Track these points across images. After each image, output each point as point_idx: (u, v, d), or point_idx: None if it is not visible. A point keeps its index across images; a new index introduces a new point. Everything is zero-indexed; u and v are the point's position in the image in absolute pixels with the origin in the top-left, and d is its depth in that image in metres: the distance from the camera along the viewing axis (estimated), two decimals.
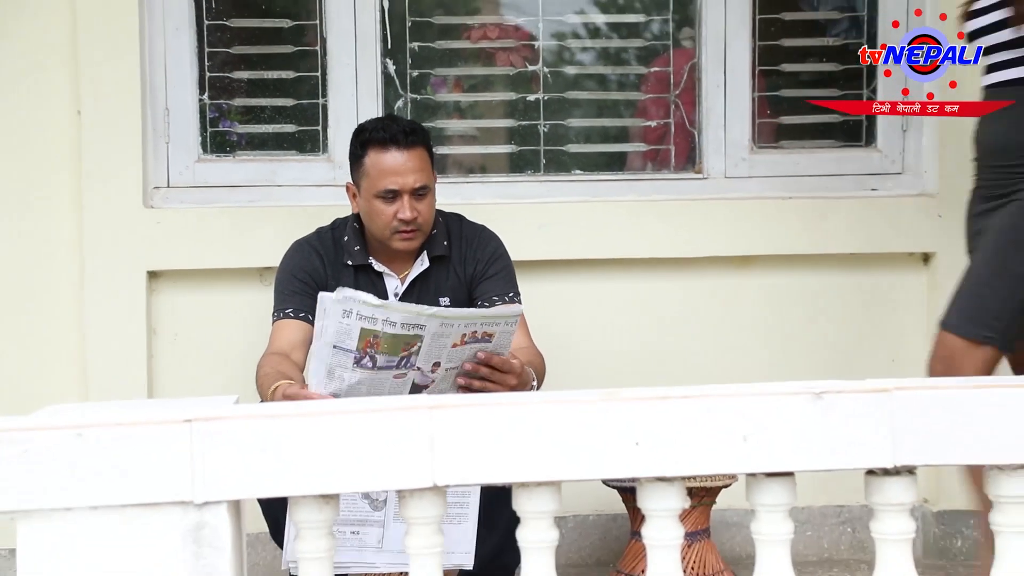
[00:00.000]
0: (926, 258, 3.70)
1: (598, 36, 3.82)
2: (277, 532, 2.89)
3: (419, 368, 2.45)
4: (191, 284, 3.56)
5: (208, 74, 3.63)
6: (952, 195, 3.64)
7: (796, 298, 3.65)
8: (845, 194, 3.68)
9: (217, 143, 3.65)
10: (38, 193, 3.54)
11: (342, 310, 2.34)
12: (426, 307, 2.42)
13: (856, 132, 3.77)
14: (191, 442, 1.67)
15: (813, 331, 3.68)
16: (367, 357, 2.38)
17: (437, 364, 2.46)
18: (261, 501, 2.52)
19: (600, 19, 3.81)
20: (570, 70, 3.75)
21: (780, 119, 3.76)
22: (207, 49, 3.62)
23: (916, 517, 1.84)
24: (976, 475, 2.89)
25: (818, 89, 3.76)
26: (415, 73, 3.68)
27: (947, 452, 1.77)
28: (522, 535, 1.78)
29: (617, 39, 3.80)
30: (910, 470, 1.78)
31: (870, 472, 1.79)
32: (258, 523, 2.75)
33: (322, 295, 2.39)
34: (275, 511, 2.70)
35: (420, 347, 2.41)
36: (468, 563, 2.71)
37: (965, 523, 3.61)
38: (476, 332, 2.47)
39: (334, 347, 2.38)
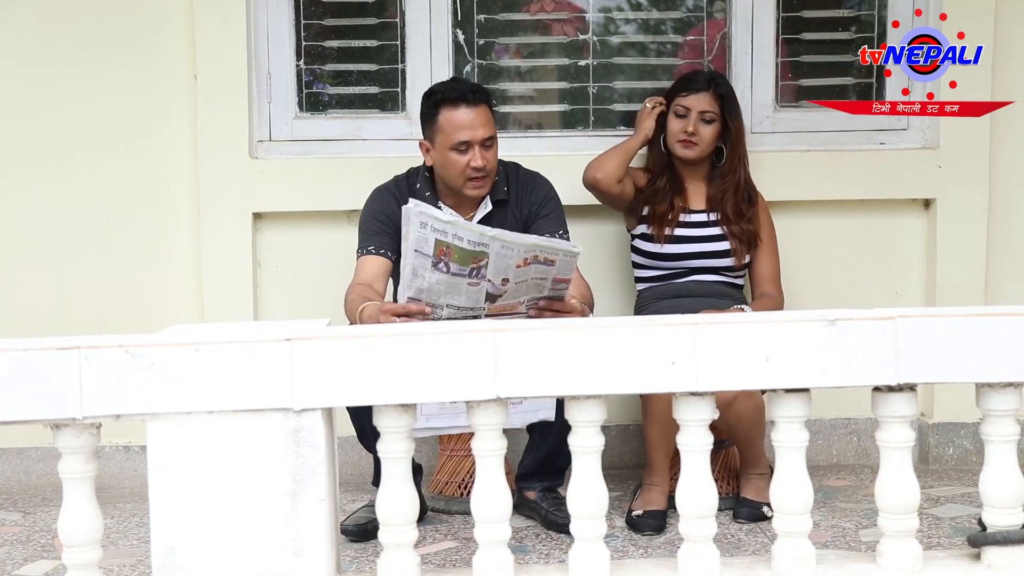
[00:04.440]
0: (927, 204, 3.64)
1: (640, 9, 3.76)
2: (363, 436, 2.92)
3: (490, 280, 2.43)
4: (289, 224, 3.58)
5: (304, 43, 3.62)
6: (951, 148, 3.57)
7: (813, 238, 3.61)
8: (856, 147, 3.62)
9: (311, 103, 3.65)
10: (159, 145, 3.57)
11: (419, 222, 2.34)
12: (488, 228, 2.40)
13: (867, 92, 3.69)
14: (290, 358, 1.69)
15: (827, 267, 3.64)
16: (442, 263, 2.38)
17: (506, 280, 2.45)
18: (349, 409, 2.55)
19: None
20: (616, 39, 3.70)
21: (800, 82, 3.68)
22: (303, 21, 3.60)
23: (914, 428, 1.83)
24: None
25: (834, 56, 3.69)
26: (481, 41, 3.64)
27: (944, 371, 1.76)
28: (573, 440, 1.79)
29: (656, 11, 3.74)
30: (911, 387, 1.77)
31: (876, 389, 1.78)
32: (347, 428, 2.78)
33: (405, 208, 2.37)
34: (361, 418, 2.73)
35: (487, 263, 2.39)
36: (551, 416, 2.77)
37: (956, 434, 3.60)
38: (537, 256, 2.45)
39: (415, 251, 2.38)
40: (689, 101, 3.25)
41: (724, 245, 3.26)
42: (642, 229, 3.30)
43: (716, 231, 3.26)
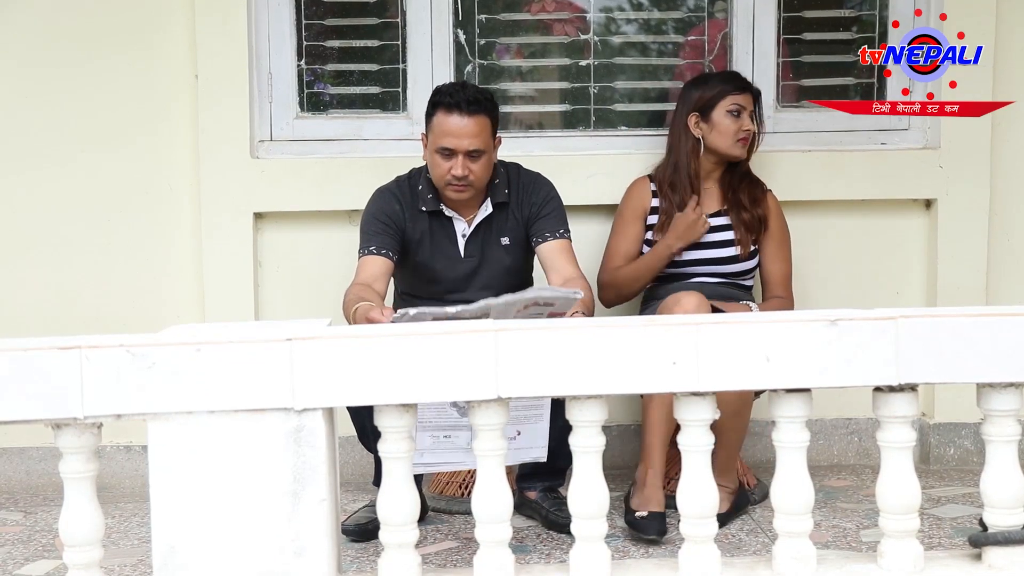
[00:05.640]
0: (928, 204, 3.64)
1: (641, 8, 3.76)
2: (363, 436, 2.93)
3: None
4: (290, 224, 3.58)
5: (305, 43, 3.62)
6: (952, 148, 3.57)
7: (814, 238, 3.61)
8: (858, 147, 3.62)
9: (312, 102, 3.65)
10: (160, 145, 3.57)
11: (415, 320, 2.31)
12: (486, 300, 2.34)
13: (868, 93, 3.69)
14: (291, 358, 1.69)
15: (828, 267, 3.64)
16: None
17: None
18: (350, 409, 2.56)
19: None
20: (617, 39, 3.70)
21: (801, 82, 3.69)
22: (304, 21, 3.61)
23: (915, 428, 1.83)
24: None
25: (835, 56, 3.69)
26: (483, 41, 3.64)
27: (945, 372, 1.76)
28: (574, 441, 1.79)
29: (658, 11, 3.74)
30: (912, 387, 1.77)
31: (877, 389, 1.78)
32: (347, 428, 2.78)
33: (394, 318, 2.29)
34: (362, 418, 2.73)
35: (488, 316, 2.38)
36: (543, 457, 2.75)
37: (957, 434, 3.60)
38: (537, 302, 2.45)
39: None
40: (741, 100, 3.23)
41: (732, 251, 3.22)
42: (647, 236, 3.27)
43: (725, 236, 3.23)
